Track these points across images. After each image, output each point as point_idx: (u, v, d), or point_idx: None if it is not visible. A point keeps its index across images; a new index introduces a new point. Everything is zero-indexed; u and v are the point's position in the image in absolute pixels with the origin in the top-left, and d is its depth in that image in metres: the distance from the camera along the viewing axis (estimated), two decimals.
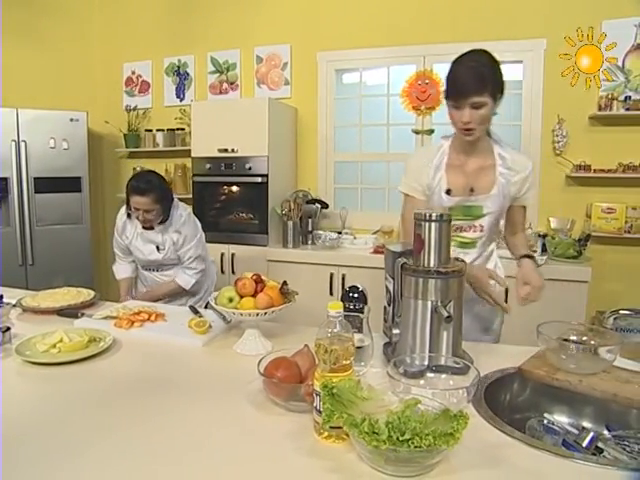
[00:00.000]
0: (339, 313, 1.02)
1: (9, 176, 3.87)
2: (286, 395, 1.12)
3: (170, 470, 0.94)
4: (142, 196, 2.33)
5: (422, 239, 1.36)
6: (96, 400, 1.24)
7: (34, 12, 4.38)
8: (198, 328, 1.60)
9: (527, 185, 1.71)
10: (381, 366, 1.40)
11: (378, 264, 3.05)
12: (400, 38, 3.64)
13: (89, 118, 4.13)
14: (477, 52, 1.61)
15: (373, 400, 0.99)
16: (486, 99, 1.54)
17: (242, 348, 1.49)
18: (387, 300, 1.50)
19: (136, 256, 2.56)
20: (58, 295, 2.01)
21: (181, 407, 1.19)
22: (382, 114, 3.82)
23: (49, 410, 1.19)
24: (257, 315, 1.45)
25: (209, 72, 4.23)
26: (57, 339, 1.50)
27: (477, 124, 1.58)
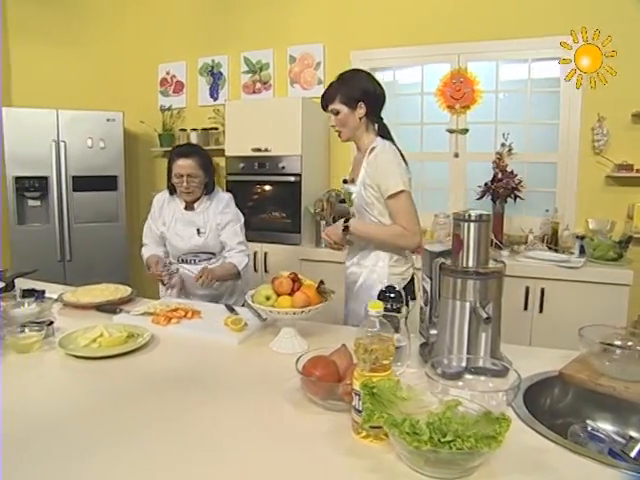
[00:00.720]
0: (379, 313, 1.02)
1: (49, 175, 4.01)
2: (324, 394, 1.13)
3: (206, 467, 0.96)
4: (187, 158, 2.32)
5: (461, 239, 1.35)
6: (134, 394, 1.27)
7: (72, 17, 4.52)
8: (234, 326, 1.62)
9: (380, 174, 1.88)
10: (418, 367, 1.39)
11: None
12: (434, 36, 3.61)
13: (125, 118, 4.23)
14: (346, 71, 2.07)
15: (412, 400, 0.99)
16: (338, 106, 1.93)
17: (278, 346, 1.50)
18: (424, 300, 1.49)
19: (173, 245, 2.43)
20: (97, 291, 2.07)
21: (217, 404, 1.20)
22: (416, 113, 3.79)
23: (88, 402, 1.23)
24: (294, 314, 1.46)
25: (242, 72, 4.27)
26: (97, 334, 1.55)
27: (339, 127, 1.97)
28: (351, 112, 1.93)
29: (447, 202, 3.69)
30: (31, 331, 1.55)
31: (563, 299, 2.85)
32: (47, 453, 1.00)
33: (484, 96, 3.55)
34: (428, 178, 3.82)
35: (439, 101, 3.66)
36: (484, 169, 3.49)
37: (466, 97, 3.58)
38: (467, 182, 3.65)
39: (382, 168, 1.88)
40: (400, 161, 1.93)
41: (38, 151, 3.95)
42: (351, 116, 1.94)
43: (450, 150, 3.66)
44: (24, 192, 3.99)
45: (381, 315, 1.03)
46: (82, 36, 4.55)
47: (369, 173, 1.91)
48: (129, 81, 4.70)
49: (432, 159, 3.81)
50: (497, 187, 3.34)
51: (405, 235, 1.88)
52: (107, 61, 4.64)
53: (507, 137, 3.42)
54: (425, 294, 1.49)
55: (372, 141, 1.96)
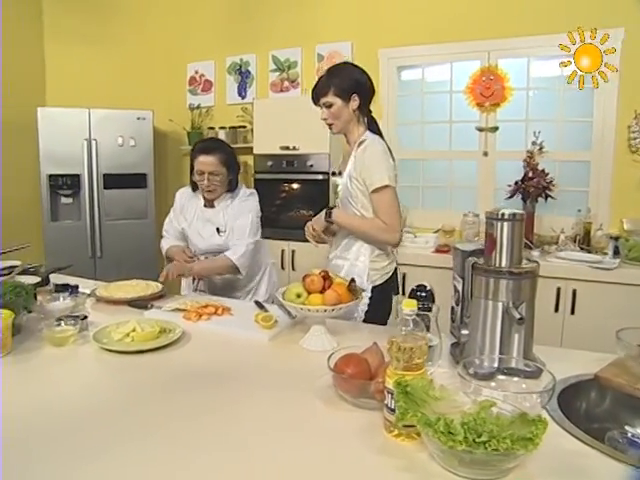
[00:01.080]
0: (413, 311, 1.02)
1: (81, 173, 4.10)
2: (356, 392, 1.13)
3: (236, 464, 0.96)
4: (209, 155, 2.22)
5: (494, 238, 1.34)
6: (165, 389, 1.29)
7: (104, 19, 4.62)
8: (265, 323, 1.63)
9: (366, 168, 1.91)
10: (448, 366, 1.38)
11: (440, 264, 3.06)
12: (464, 33, 3.57)
13: (155, 117, 4.29)
14: (336, 64, 2.10)
15: (445, 400, 0.98)
16: (331, 99, 1.93)
17: (308, 344, 1.51)
18: (455, 300, 1.48)
19: (194, 243, 2.37)
20: (128, 287, 2.11)
21: (248, 400, 1.21)
22: (444, 111, 3.76)
23: (120, 395, 1.26)
24: (325, 311, 1.46)
25: (270, 70, 4.29)
26: (130, 328, 1.57)
27: (332, 119, 1.97)
28: (345, 104, 1.94)
29: (476, 201, 3.65)
30: (67, 325, 1.59)
31: (596, 301, 2.80)
32: (78, 444, 1.02)
33: (515, 93, 3.50)
34: (456, 177, 3.79)
35: (468, 99, 3.62)
36: (514, 168, 3.44)
37: (496, 94, 3.53)
38: (496, 181, 3.61)
39: (369, 162, 1.90)
40: (388, 156, 1.94)
41: (71, 149, 4.05)
42: (345, 108, 1.94)
43: (479, 148, 3.62)
44: (57, 190, 4.09)
45: (415, 314, 1.03)
46: (113, 37, 4.64)
47: (356, 166, 1.94)
48: (159, 80, 4.77)
49: (461, 158, 3.77)
50: (527, 186, 3.29)
51: (386, 230, 1.90)
52: (137, 61, 4.72)
53: (538, 135, 3.37)
54: (456, 293, 1.48)
55: (362, 134, 1.98)
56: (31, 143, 4.08)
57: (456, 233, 3.47)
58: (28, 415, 1.14)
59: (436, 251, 3.29)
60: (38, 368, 1.43)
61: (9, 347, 1.48)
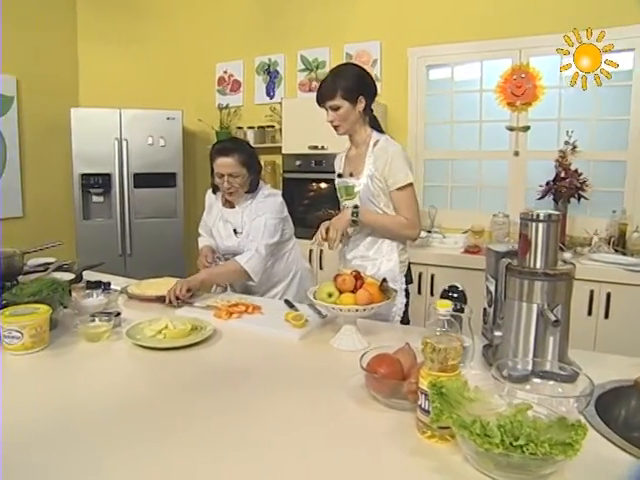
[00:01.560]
0: (448, 312, 1.01)
1: (112, 172, 4.18)
2: (388, 392, 1.12)
3: (266, 462, 0.97)
4: (227, 157, 2.16)
5: (528, 240, 1.32)
6: (195, 386, 1.30)
7: (135, 21, 4.71)
8: (295, 322, 1.64)
9: (388, 167, 1.92)
10: (480, 368, 1.37)
11: (469, 264, 3.02)
12: (494, 31, 3.52)
13: (184, 116, 4.35)
14: (340, 65, 2.07)
15: (480, 402, 0.97)
16: (339, 102, 1.92)
17: (339, 343, 1.51)
18: (488, 301, 1.46)
19: (217, 243, 2.38)
20: (160, 284, 2.14)
21: (279, 398, 1.22)
22: (474, 111, 3.72)
23: (151, 391, 1.28)
24: (356, 311, 1.46)
25: (299, 70, 4.31)
26: (163, 325, 1.60)
27: (339, 121, 1.96)
28: (352, 106, 1.93)
29: (506, 202, 3.60)
30: (100, 321, 1.62)
31: (631, 305, 2.73)
32: (109, 438, 1.04)
33: (547, 92, 3.44)
34: (486, 177, 3.74)
35: (499, 98, 3.57)
36: (545, 168, 3.38)
37: (528, 93, 3.48)
38: (527, 181, 3.55)
39: (392, 161, 1.92)
40: (406, 154, 1.99)
41: (102, 149, 4.13)
42: (352, 111, 1.94)
43: (510, 148, 3.57)
44: (89, 188, 4.18)
45: (450, 314, 1.02)
46: (144, 38, 4.73)
47: (377, 166, 1.95)
48: (188, 80, 4.83)
49: (491, 157, 3.72)
50: (560, 186, 3.23)
51: (408, 226, 1.96)
52: (167, 61, 4.80)
53: (571, 134, 3.30)
54: (489, 295, 1.46)
55: (369, 134, 2.01)
56: (64, 143, 4.18)
57: (485, 234, 3.43)
58: (64, 407, 1.17)
59: (465, 252, 3.25)
60: (74, 362, 1.46)
61: (47, 341, 1.52)
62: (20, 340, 1.45)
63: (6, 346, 1.46)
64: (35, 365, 1.43)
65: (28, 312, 1.50)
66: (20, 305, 1.57)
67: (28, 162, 4.29)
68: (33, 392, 1.27)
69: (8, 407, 1.18)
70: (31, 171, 4.31)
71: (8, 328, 1.45)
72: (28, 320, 1.46)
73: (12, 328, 1.44)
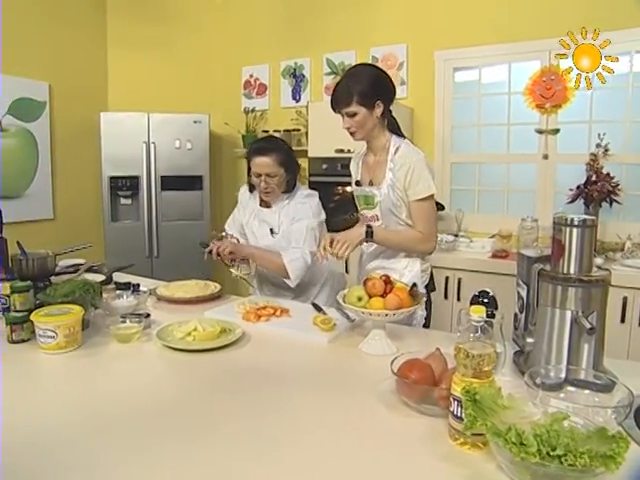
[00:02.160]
0: (482, 318, 1.00)
1: (140, 175, 4.24)
2: (419, 397, 1.12)
3: (294, 464, 0.97)
4: (264, 156, 2.13)
5: (562, 245, 1.30)
6: (224, 388, 1.32)
7: (162, 26, 4.78)
8: (324, 325, 1.64)
9: (409, 178, 1.84)
10: (511, 375, 1.35)
11: (497, 269, 2.99)
12: (523, 33, 3.47)
13: (210, 120, 4.40)
14: (355, 67, 1.95)
15: (514, 410, 0.96)
16: (355, 108, 1.83)
17: (367, 347, 1.50)
18: (519, 307, 1.44)
19: (249, 241, 2.34)
20: (188, 286, 2.17)
21: (307, 401, 1.22)
22: (502, 113, 3.67)
23: (181, 392, 1.29)
24: (386, 315, 1.45)
25: (325, 74, 4.32)
26: (192, 328, 1.61)
27: (355, 128, 1.88)
28: (369, 112, 1.84)
29: (534, 206, 3.55)
30: (131, 322, 1.65)
31: None
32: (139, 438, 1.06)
33: (577, 94, 3.38)
34: (514, 180, 3.70)
35: (528, 100, 3.52)
36: (575, 171, 3.33)
37: (557, 95, 3.42)
38: (556, 185, 3.49)
39: (414, 171, 1.83)
40: (429, 163, 1.89)
41: (130, 152, 4.20)
42: (369, 117, 1.85)
43: (539, 151, 3.52)
44: (117, 191, 4.25)
45: (483, 320, 1.01)
46: (171, 43, 4.79)
47: (398, 175, 1.86)
48: (215, 84, 4.88)
49: (519, 161, 3.67)
50: (591, 190, 3.17)
51: (423, 240, 1.89)
52: (194, 66, 4.86)
53: (603, 137, 3.24)
54: (520, 300, 1.44)
55: (388, 139, 1.92)
56: (94, 147, 4.27)
57: (513, 238, 3.38)
58: (96, 406, 1.20)
59: (493, 256, 3.21)
60: (105, 362, 1.49)
61: (79, 341, 1.56)
62: (54, 340, 1.48)
63: (41, 345, 1.50)
64: (68, 365, 1.46)
65: (62, 312, 1.54)
66: (54, 305, 1.61)
67: (59, 165, 4.38)
68: (66, 391, 1.30)
69: (42, 405, 1.21)
70: (62, 174, 4.40)
71: (43, 328, 1.48)
72: (62, 320, 1.49)
73: (47, 328, 1.48)
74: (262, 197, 2.28)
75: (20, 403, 1.21)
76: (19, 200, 4.06)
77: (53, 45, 4.25)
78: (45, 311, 1.55)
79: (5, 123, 3.93)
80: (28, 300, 1.66)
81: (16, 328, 1.58)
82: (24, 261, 2.13)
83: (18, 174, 4.08)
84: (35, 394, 1.29)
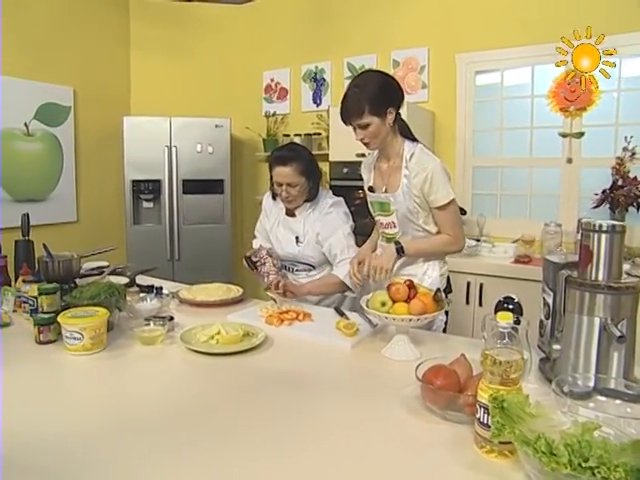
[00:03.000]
0: (509, 324, 0.99)
1: (161, 178, 4.29)
2: (444, 403, 1.11)
3: (315, 470, 0.97)
4: (285, 166, 2.13)
5: (590, 251, 1.28)
6: (247, 391, 1.32)
7: (184, 30, 4.84)
8: (347, 330, 1.64)
9: (427, 186, 1.82)
10: (537, 382, 1.33)
11: (520, 275, 2.95)
12: (546, 35, 3.42)
13: (232, 124, 4.43)
14: (362, 75, 1.92)
15: (542, 418, 0.95)
16: (368, 120, 1.79)
17: (391, 353, 1.50)
18: (545, 313, 1.43)
19: (275, 248, 2.34)
20: (211, 290, 2.18)
21: (331, 406, 1.23)
22: (525, 117, 3.63)
23: (204, 395, 1.30)
24: (410, 321, 1.45)
25: (345, 77, 4.32)
26: (215, 331, 1.62)
27: (369, 139, 1.85)
28: (382, 121, 1.80)
29: (558, 210, 3.50)
30: (155, 325, 1.66)
31: None
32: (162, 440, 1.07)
33: (603, 96, 3.32)
34: (537, 185, 3.65)
35: (551, 103, 3.48)
36: (600, 175, 3.27)
37: (582, 98, 3.37)
38: (580, 189, 3.44)
39: (432, 179, 1.81)
40: (444, 166, 1.86)
41: (152, 156, 4.25)
42: (382, 126, 1.82)
43: (562, 155, 3.46)
44: (139, 194, 4.31)
45: (510, 327, 1.00)
46: (193, 48, 4.85)
47: (415, 183, 1.84)
48: (236, 89, 4.92)
49: (542, 165, 3.63)
50: (617, 195, 3.11)
51: (454, 242, 1.90)
52: (215, 70, 4.90)
53: (630, 140, 3.18)
54: (546, 307, 1.42)
55: (401, 145, 1.90)
56: (116, 150, 4.33)
57: (536, 243, 3.33)
58: (121, 408, 1.22)
59: (515, 261, 3.17)
60: (130, 365, 1.51)
61: (104, 343, 1.58)
62: (80, 341, 1.51)
63: (67, 347, 1.53)
64: (94, 366, 1.48)
65: (88, 314, 1.56)
66: (80, 307, 1.63)
67: (82, 169, 4.45)
68: (91, 392, 1.33)
69: (67, 405, 1.24)
70: (85, 178, 4.48)
71: (70, 329, 1.51)
72: (88, 322, 1.52)
73: (74, 330, 1.50)
74: (285, 205, 2.28)
75: (46, 403, 1.24)
76: (44, 203, 4.14)
77: (77, 50, 4.33)
78: (71, 313, 1.58)
79: (32, 128, 4.02)
80: (55, 302, 1.70)
81: (43, 329, 1.61)
82: (50, 263, 2.17)
83: (43, 178, 4.17)
84: (61, 394, 1.32)
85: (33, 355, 1.54)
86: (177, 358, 1.56)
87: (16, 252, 2.34)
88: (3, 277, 2.15)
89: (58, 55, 4.19)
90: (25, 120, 3.97)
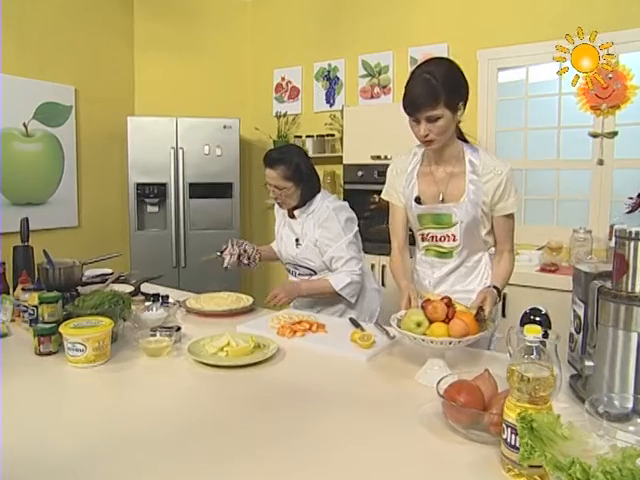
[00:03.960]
0: (537, 338, 0.98)
1: (167, 181, 4.31)
2: (468, 422, 1.10)
3: None
4: (271, 168, 2.20)
5: (625, 260, 1.26)
6: (258, 405, 1.32)
7: (191, 28, 4.87)
8: (362, 342, 1.63)
9: (500, 192, 1.73)
10: (568, 401, 1.31)
11: (546, 284, 2.92)
12: (576, 27, 3.40)
13: (241, 125, 4.44)
14: (432, 61, 1.71)
15: (575, 441, 0.93)
16: (440, 111, 1.62)
17: (425, 379, 1.41)
18: (575, 327, 1.40)
19: (280, 249, 2.43)
20: (219, 299, 2.19)
21: (346, 423, 1.21)
22: (551, 116, 3.61)
23: (213, 410, 1.30)
24: (450, 344, 1.38)
25: (360, 76, 4.32)
26: (224, 342, 1.62)
27: (436, 135, 1.66)
28: (453, 117, 1.66)
29: (587, 216, 3.46)
30: (162, 336, 1.67)
31: None
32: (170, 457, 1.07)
33: (638, 92, 3.29)
34: (565, 188, 3.62)
35: (581, 101, 3.45)
36: (634, 178, 3.24)
37: (616, 95, 3.33)
38: (613, 193, 3.41)
39: (505, 184, 1.74)
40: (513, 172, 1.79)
41: (158, 158, 4.27)
42: (452, 121, 1.68)
43: (593, 156, 3.43)
44: (144, 198, 4.33)
45: (539, 341, 0.98)
46: (200, 45, 4.88)
47: (485, 189, 1.74)
48: (245, 88, 4.96)
49: (570, 167, 3.60)
50: None
51: (513, 259, 1.86)
52: (223, 67, 4.93)
53: None
54: (577, 320, 1.40)
55: (460, 147, 1.79)
56: (120, 152, 4.37)
57: (564, 251, 3.30)
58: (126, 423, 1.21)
59: (541, 270, 3.15)
60: (135, 377, 1.52)
61: (109, 355, 1.59)
62: (83, 353, 1.51)
63: (69, 358, 1.53)
64: (97, 379, 1.49)
65: (91, 325, 1.57)
66: (83, 317, 1.64)
67: (84, 172, 4.48)
68: (94, 406, 1.32)
69: (69, 420, 1.24)
70: (87, 180, 4.50)
71: (72, 340, 1.51)
72: (92, 333, 1.52)
73: (76, 340, 1.51)
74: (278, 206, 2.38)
75: (46, 419, 1.24)
76: (43, 207, 4.17)
77: (79, 48, 4.36)
78: (74, 323, 1.59)
79: (31, 128, 4.05)
80: (56, 311, 1.71)
81: (44, 340, 1.61)
82: (51, 270, 2.19)
83: (43, 180, 4.19)
84: (62, 409, 1.32)
85: (32, 367, 1.55)
86: (184, 371, 1.56)
87: (15, 258, 2.34)
88: (1, 285, 2.15)
89: (59, 52, 4.21)
90: (24, 120, 4.00)
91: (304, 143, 4.39)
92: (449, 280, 1.89)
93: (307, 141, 4.39)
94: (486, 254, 1.90)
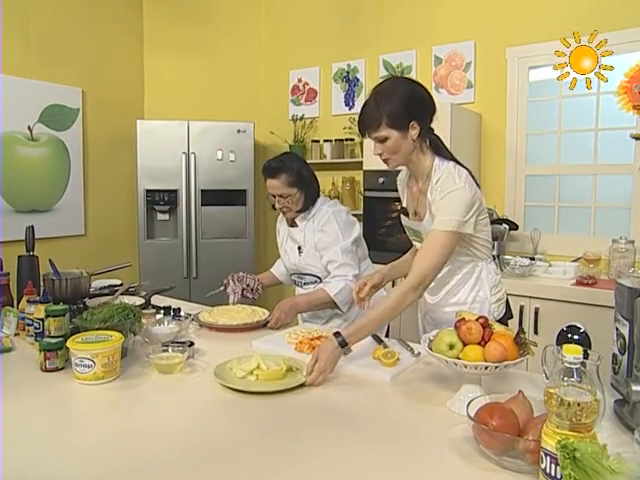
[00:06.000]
0: (578, 359, 0.96)
1: (178, 188, 4.35)
2: (501, 448, 1.08)
3: None
4: (273, 178, 2.29)
5: None
6: (276, 427, 1.31)
7: (203, 28, 4.92)
8: (386, 360, 1.62)
9: (436, 207, 1.73)
10: (613, 429, 1.28)
11: (582, 299, 2.89)
12: (616, 21, 3.37)
13: (255, 129, 4.47)
14: (382, 82, 1.82)
15: (625, 476, 0.90)
16: (385, 132, 1.70)
17: (459, 407, 1.34)
18: (619, 347, 1.38)
19: (285, 262, 2.54)
20: (233, 312, 2.20)
21: (371, 446, 1.20)
22: (588, 117, 3.57)
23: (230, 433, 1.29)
24: (486, 369, 1.31)
25: (381, 77, 4.32)
26: (254, 365, 1.57)
27: (388, 154, 1.76)
28: (403, 136, 1.71)
29: (629, 225, 3.41)
30: (174, 351, 1.67)
31: None
32: None
33: None
34: (603, 195, 3.58)
35: (622, 101, 3.40)
36: None
37: None
38: None
39: (442, 200, 1.71)
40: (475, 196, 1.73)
41: (168, 163, 4.32)
42: (403, 140, 1.72)
43: (635, 161, 3.39)
44: (154, 205, 4.36)
45: (580, 362, 0.97)
46: (212, 45, 4.93)
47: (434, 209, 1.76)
48: (259, 90, 4.99)
49: (609, 172, 3.56)
50: None
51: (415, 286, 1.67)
52: (237, 68, 4.98)
53: None
54: (620, 339, 1.38)
55: (431, 164, 1.80)
56: (129, 157, 4.42)
57: (602, 263, 3.26)
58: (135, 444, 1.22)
59: (577, 283, 3.11)
60: (146, 395, 1.52)
61: (118, 371, 1.59)
62: (92, 369, 1.52)
63: (77, 375, 1.54)
64: (106, 397, 1.49)
65: (100, 340, 1.58)
66: (91, 331, 1.65)
67: (91, 177, 4.53)
68: (103, 426, 1.32)
69: (76, 441, 1.24)
70: (94, 187, 4.55)
71: (80, 356, 1.52)
72: (101, 348, 1.53)
73: (84, 356, 1.52)
74: (283, 215, 2.47)
75: (52, 439, 1.24)
76: (48, 214, 4.22)
77: (87, 49, 4.43)
78: (82, 337, 1.60)
79: (36, 132, 4.10)
80: (63, 325, 1.72)
81: (50, 355, 1.62)
82: (57, 281, 2.21)
83: (48, 186, 4.24)
84: (69, 429, 1.33)
85: (38, 384, 1.56)
86: (198, 388, 1.56)
87: (19, 269, 2.32)
88: (5, 296, 2.15)
89: (65, 52, 4.27)
90: (28, 123, 4.06)
91: (322, 148, 4.41)
92: (440, 293, 1.92)
93: (325, 145, 4.40)
94: (479, 266, 1.88)
